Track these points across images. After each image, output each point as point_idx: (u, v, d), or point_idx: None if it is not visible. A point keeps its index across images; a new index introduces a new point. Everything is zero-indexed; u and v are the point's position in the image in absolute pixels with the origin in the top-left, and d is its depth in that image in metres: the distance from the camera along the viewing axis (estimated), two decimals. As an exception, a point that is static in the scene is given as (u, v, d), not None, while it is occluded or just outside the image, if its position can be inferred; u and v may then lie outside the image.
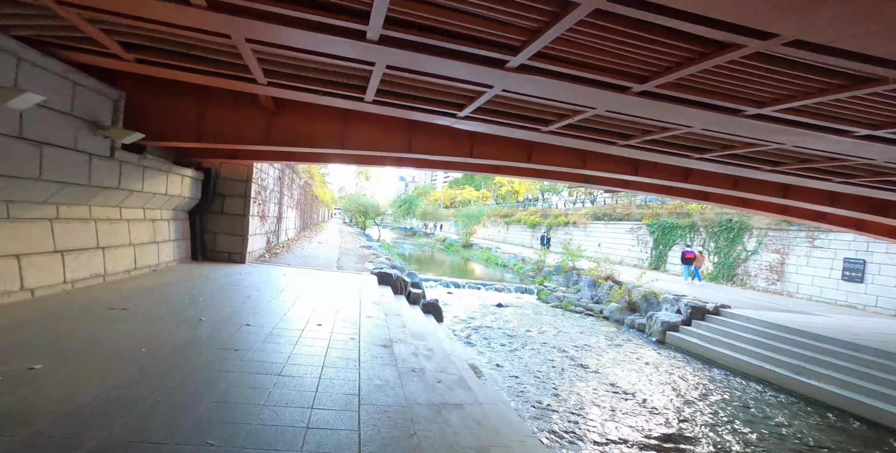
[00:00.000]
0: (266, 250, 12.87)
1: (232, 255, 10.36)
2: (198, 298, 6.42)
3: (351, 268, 12.29)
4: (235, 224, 10.36)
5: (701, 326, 11.22)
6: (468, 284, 19.14)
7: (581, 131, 6.40)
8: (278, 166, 14.06)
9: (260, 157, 9.91)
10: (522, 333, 11.80)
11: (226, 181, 10.32)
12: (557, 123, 6.04)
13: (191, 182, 9.07)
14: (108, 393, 3.21)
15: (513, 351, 9.91)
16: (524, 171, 10.69)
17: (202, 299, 6.41)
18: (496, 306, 15.51)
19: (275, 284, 8.40)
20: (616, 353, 10.39)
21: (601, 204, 36.55)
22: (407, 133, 8.25)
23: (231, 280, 8.25)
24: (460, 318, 13.04)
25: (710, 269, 19.93)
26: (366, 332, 5.79)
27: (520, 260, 28.20)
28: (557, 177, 11.10)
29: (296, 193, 19.50)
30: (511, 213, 47.34)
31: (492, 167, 10.68)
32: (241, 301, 6.69)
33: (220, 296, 6.84)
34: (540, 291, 18.54)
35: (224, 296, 6.83)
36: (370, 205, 40.69)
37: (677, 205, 23.91)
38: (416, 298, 11.34)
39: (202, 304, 6.14)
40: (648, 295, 13.90)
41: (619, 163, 8.99)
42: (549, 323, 13.38)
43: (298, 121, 7.89)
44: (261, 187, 11.58)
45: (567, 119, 5.80)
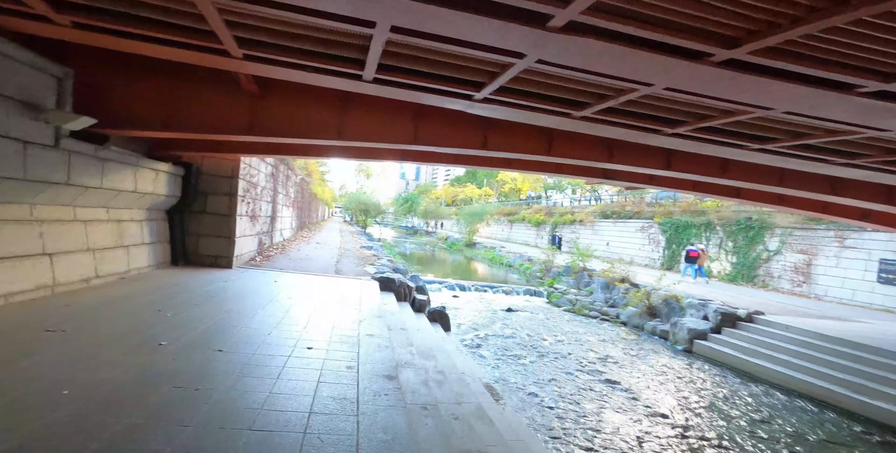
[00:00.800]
0: (258, 253, 11.88)
1: (217, 260, 9.37)
2: (165, 314, 5.44)
3: (350, 272, 11.31)
4: (221, 225, 9.37)
5: (733, 335, 10.23)
6: (474, 286, 18.17)
7: (620, 116, 5.39)
8: (271, 162, 13.07)
9: (247, 150, 8.91)
10: (537, 342, 10.82)
11: (209, 177, 9.32)
12: (594, 107, 5.03)
13: (167, 178, 8.08)
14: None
15: (530, 365, 8.93)
16: (541, 166, 9.69)
17: (170, 315, 5.42)
18: (505, 311, 14.53)
19: (262, 293, 7.42)
20: (643, 366, 9.40)
21: (607, 202, 35.59)
22: (412, 122, 7.25)
23: (212, 289, 7.26)
24: (468, 326, 12.06)
25: (727, 270, 18.95)
26: (366, 357, 4.81)
27: (526, 260, 27.22)
28: (576, 172, 10.09)
29: (292, 191, 18.51)
30: (514, 212, 46.38)
31: (504, 161, 9.68)
32: (218, 316, 5.71)
33: (193, 309, 5.86)
34: (550, 294, 17.56)
35: (198, 311, 5.84)
36: (371, 203, 39.71)
37: (691, 203, 22.91)
38: (422, 305, 10.36)
39: (168, 322, 5.15)
40: (670, 299, 12.91)
41: (650, 156, 7.99)
42: (564, 329, 12.40)
43: (288, 108, 6.89)
44: (250, 184, 10.59)
45: (607, 101, 4.80)
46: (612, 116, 5.40)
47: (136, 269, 7.46)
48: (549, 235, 37.21)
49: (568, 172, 10.10)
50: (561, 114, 5.48)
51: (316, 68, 4.90)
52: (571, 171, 10.08)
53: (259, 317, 5.96)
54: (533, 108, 5.41)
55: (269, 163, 12.79)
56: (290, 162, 16.50)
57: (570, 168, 9.94)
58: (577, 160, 7.96)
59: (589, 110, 5.18)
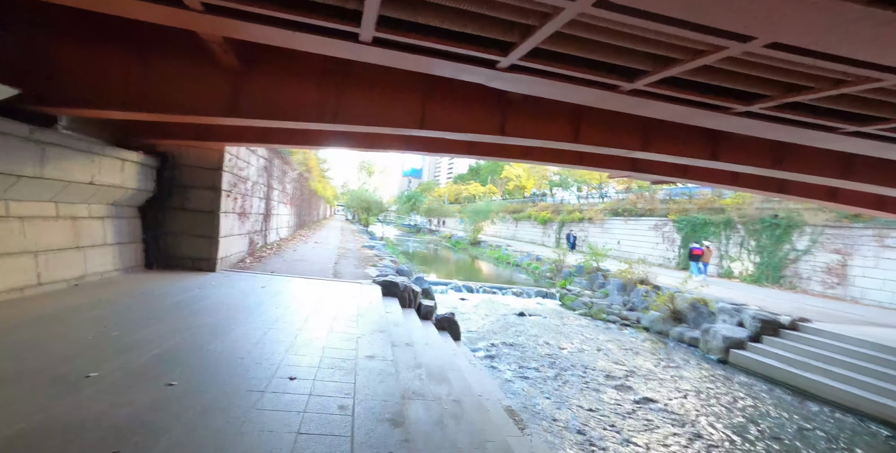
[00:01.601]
0: (248, 254, 10.87)
1: (198, 262, 8.36)
2: (110, 332, 4.41)
3: (350, 275, 10.29)
4: (203, 223, 8.34)
5: (775, 344, 9.17)
6: (482, 288, 17.14)
7: (680, 90, 4.33)
8: (264, 154, 12.05)
9: (232, 138, 7.88)
10: (556, 352, 9.78)
11: (190, 169, 8.30)
12: (652, 76, 3.96)
13: (138, 169, 7.06)
14: None
15: (552, 381, 7.89)
16: (562, 156, 8.64)
17: (117, 334, 4.40)
18: (517, 315, 13.49)
19: (245, 303, 6.40)
20: (677, 380, 8.35)
21: (613, 199, 34.47)
22: (420, 103, 6.20)
23: (184, 298, 6.24)
24: (480, 333, 11.03)
25: (749, 270, 17.85)
26: (365, 389, 3.78)
27: (534, 259, 26.19)
28: (600, 163, 9.02)
29: (289, 187, 17.49)
30: (520, 209, 45.34)
31: (522, 151, 8.64)
32: (182, 334, 4.69)
33: (152, 326, 4.83)
34: (563, 296, 16.52)
35: (159, 327, 4.82)
36: (373, 201, 38.68)
37: (708, 200, 21.80)
38: (428, 312, 9.34)
39: (112, 344, 4.13)
40: (697, 303, 11.86)
41: (691, 143, 6.92)
42: (583, 336, 11.36)
43: (275, 87, 5.85)
44: (238, 178, 9.57)
45: (674, 67, 3.72)
46: (668, 89, 4.34)
47: (97, 274, 6.44)
48: (556, 233, 36.15)
49: (590, 163, 9.04)
50: (605, 86, 4.42)
51: (299, 24, 3.86)
52: (595, 162, 9.02)
53: (235, 333, 4.93)
54: (571, 79, 4.35)
55: (261, 156, 11.76)
56: (285, 155, 15.48)
57: (595, 158, 8.90)
58: (606, 148, 6.88)
59: (643, 81, 4.11)
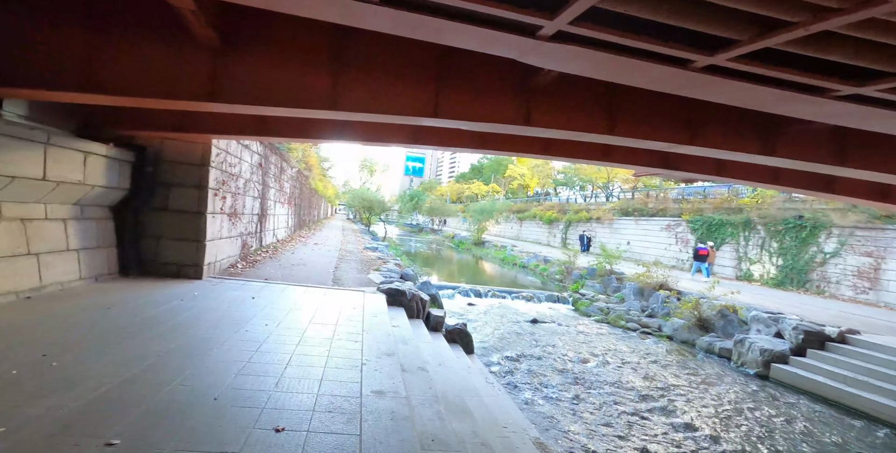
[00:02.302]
0: (240, 258, 10.00)
1: (183, 269, 7.49)
2: (49, 362, 3.54)
3: (352, 282, 9.42)
4: (187, 225, 7.47)
5: (824, 358, 8.28)
6: (491, 292, 16.27)
7: (777, 67, 3.44)
8: (258, 150, 11.18)
9: (218, 130, 7.01)
10: (578, 365, 8.91)
11: (172, 165, 7.43)
12: (749, 45, 3.09)
13: (106, 164, 6.19)
14: None
15: (578, 401, 7.01)
16: (589, 151, 7.78)
17: (57, 364, 3.52)
18: (530, 323, 12.62)
19: (231, 318, 5.53)
20: (718, 399, 7.45)
21: (618, 199, 33.58)
22: (432, 88, 5.32)
23: (159, 313, 5.37)
24: (493, 344, 10.16)
25: (770, 273, 16.96)
26: (374, 445, 2.91)
27: (541, 260, 25.29)
28: (629, 159, 8.10)
29: (287, 186, 16.62)
30: (524, 209, 44.48)
31: (542, 144, 7.75)
32: (143, 363, 3.81)
33: (106, 353, 3.95)
34: (576, 301, 15.63)
35: (114, 354, 3.93)
36: (375, 200, 37.75)
37: (725, 199, 20.91)
38: (438, 323, 8.47)
39: (42, 381, 3.25)
40: (726, 310, 10.97)
41: (746, 135, 6.04)
42: (604, 346, 10.48)
43: (261, 67, 4.97)
44: (228, 175, 8.69)
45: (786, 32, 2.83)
46: (757, 66, 3.45)
47: (57, 284, 5.58)
48: (562, 233, 35.28)
49: (618, 159, 8.12)
50: (675, 62, 3.56)
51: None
52: (623, 158, 8.10)
53: (213, 360, 4.06)
54: (631, 52, 3.48)
55: (255, 152, 10.90)
56: (283, 152, 14.61)
57: (624, 154, 8.01)
58: (645, 141, 5.96)
59: (728, 54, 3.25)
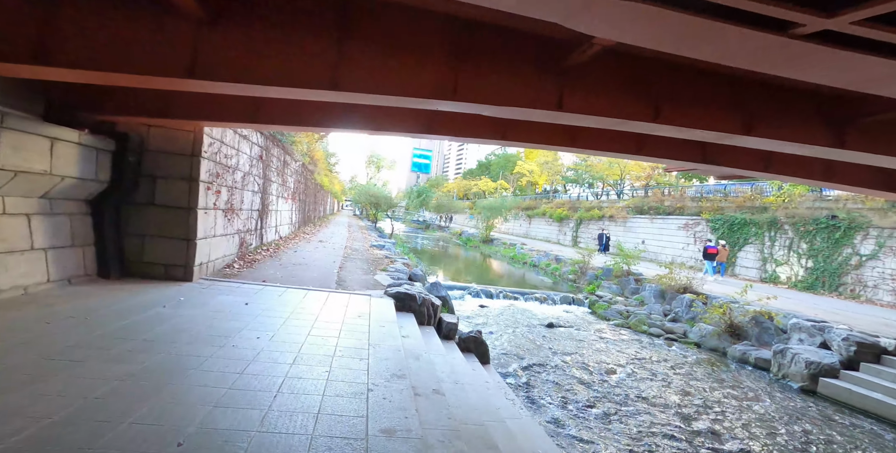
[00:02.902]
0: (238, 257, 9.30)
1: (171, 270, 6.78)
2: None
3: (357, 284, 8.69)
4: (175, 221, 6.76)
5: (880, 374, 7.45)
6: (503, 293, 15.50)
7: None
8: (258, 141, 10.46)
9: (208, 115, 6.27)
10: (603, 377, 8.13)
11: (158, 155, 6.72)
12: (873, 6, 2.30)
13: (79, 152, 5.48)
14: None
15: (610, 423, 6.23)
16: (621, 143, 7.01)
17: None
18: (546, 327, 11.85)
19: (217, 330, 4.81)
20: (767, 420, 6.64)
21: (631, 196, 32.64)
22: (450, 64, 4.56)
23: (133, 323, 4.64)
24: (508, 351, 9.40)
25: (799, 275, 16.06)
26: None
27: (552, 259, 24.48)
28: (664, 152, 7.27)
29: (290, 180, 15.91)
30: (534, 206, 43.64)
31: (567, 136, 6.98)
32: (91, 394, 3.08)
33: (46, 379, 3.21)
34: (593, 303, 14.83)
35: (57, 381, 3.20)
36: (382, 195, 37.00)
37: (748, 198, 19.96)
38: (451, 330, 7.72)
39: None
40: (760, 317, 10.14)
41: (810, 123, 5.24)
42: (628, 354, 9.70)
43: (252, 40, 4.21)
44: (223, 167, 7.97)
45: None
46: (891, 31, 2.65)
47: (17, 289, 4.88)
48: (573, 231, 34.42)
49: (652, 152, 7.31)
50: (772, 26, 2.75)
51: None
52: (657, 151, 7.29)
53: (184, 387, 3.33)
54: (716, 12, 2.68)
55: (254, 143, 10.18)
56: (286, 144, 13.88)
57: (658, 146, 7.22)
58: (691, 130, 5.14)
59: (854, 14, 2.46)
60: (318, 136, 25.57)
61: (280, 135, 13.07)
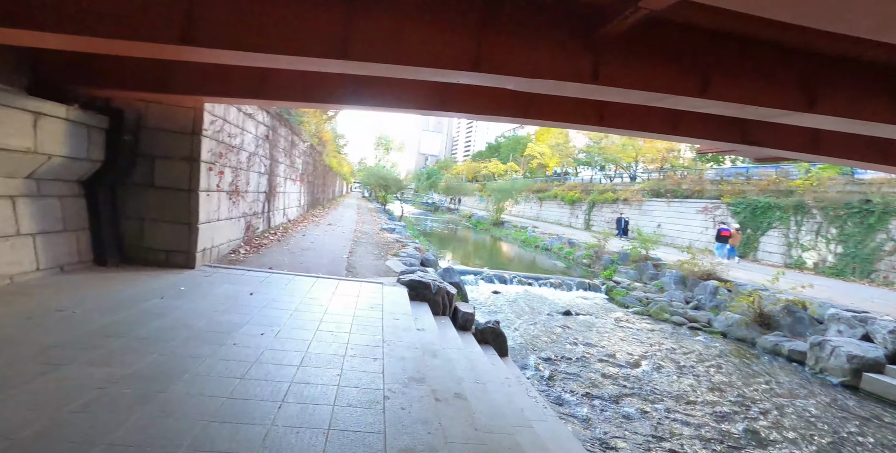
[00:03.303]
0: (244, 241, 8.90)
1: (172, 256, 6.39)
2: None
3: (368, 270, 8.28)
4: (175, 204, 6.33)
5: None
6: (516, 278, 15.04)
7: None
8: (265, 120, 9.94)
9: (209, 90, 5.77)
10: (628, 370, 7.70)
11: (156, 133, 6.25)
12: None
13: (68, 129, 5.03)
14: None
15: (640, 420, 5.81)
16: (652, 121, 6.43)
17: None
18: (563, 314, 11.43)
19: (217, 325, 4.40)
20: (814, 421, 6.18)
21: (648, 179, 31.80)
22: (473, 32, 4.01)
23: (125, 317, 4.24)
24: (526, 341, 9.00)
25: (827, 261, 15.41)
26: None
27: (565, 242, 23.95)
28: (701, 131, 6.66)
29: (299, 161, 15.43)
30: (545, 188, 42.89)
31: (595, 114, 6.41)
32: (61, 407, 2.68)
33: (17, 392, 2.84)
34: (610, 289, 14.35)
35: (24, 391, 2.81)
36: (391, 178, 36.46)
37: (772, 181, 19.15)
38: (467, 321, 7.30)
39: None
40: (793, 306, 9.61)
41: (879, 101, 4.62)
42: (651, 344, 9.25)
43: (252, 2, 3.72)
44: (227, 147, 7.50)
45: None
46: None
47: (4, 278, 4.50)
48: (585, 214, 33.74)
49: (687, 132, 6.70)
50: None
51: None
52: (692, 130, 6.70)
53: (174, 397, 2.91)
54: None
55: (261, 123, 9.67)
56: (293, 124, 13.35)
57: (694, 124, 6.63)
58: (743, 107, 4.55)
59: None
60: (326, 117, 24.96)
61: (287, 115, 12.54)
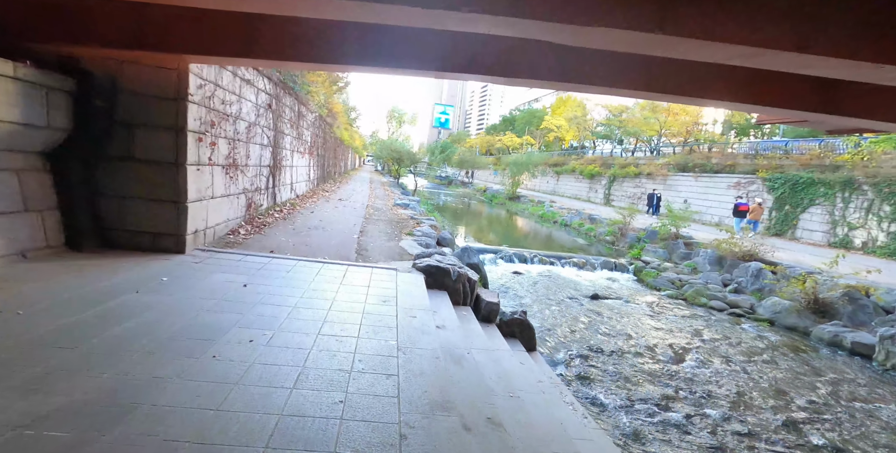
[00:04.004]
0: (245, 220, 8.13)
1: (159, 239, 5.63)
2: None
3: (380, 253, 7.48)
4: (160, 180, 5.52)
5: None
6: (537, 257, 14.18)
7: None
8: (267, 88, 9.00)
9: (192, 47, 4.86)
10: (670, 366, 6.89)
11: (134, 98, 5.38)
12: None
13: (19, 91, 4.19)
14: None
15: (699, 436, 5.03)
16: (722, 87, 5.39)
17: None
18: (590, 298, 10.61)
19: (196, 329, 3.64)
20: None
21: (673, 153, 30.27)
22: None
23: (73, 322, 3.46)
24: (553, 330, 8.22)
25: (879, 240, 14.24)
26: None
27: (585, 218, 22.92)
28: (777, 99, 5.62)
29: (307, 133, 14.52)
30: (562, 162, 41.45)
31: (660, 82, 5.41)
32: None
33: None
34: (639, 269, 13.43)
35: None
36: (405, 151, 35.27)
37: (814, 156, 17.74)
38: (492, 312, 6.50)
39: None
40: (855, 292, 8.64)
41: None
42: (692, 334, 8.41)
43: None
44: (218, 114, 6.61)
45: None
46: None
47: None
48: (605, 189, 32.48)
49: (760, 99, 5.64)
50: None
51: None
52: (768, 99, 5.62)
53: (112, 449, 2.15)
54: None
55: (261, 89, 8.73)
56: (299, 93, 12.37)
57: (770, 91, 5.55)
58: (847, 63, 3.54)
59: None
60: (336, 88, 23.81)
61: (292, 83, 11.57)
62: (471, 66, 5.21)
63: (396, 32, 5.03)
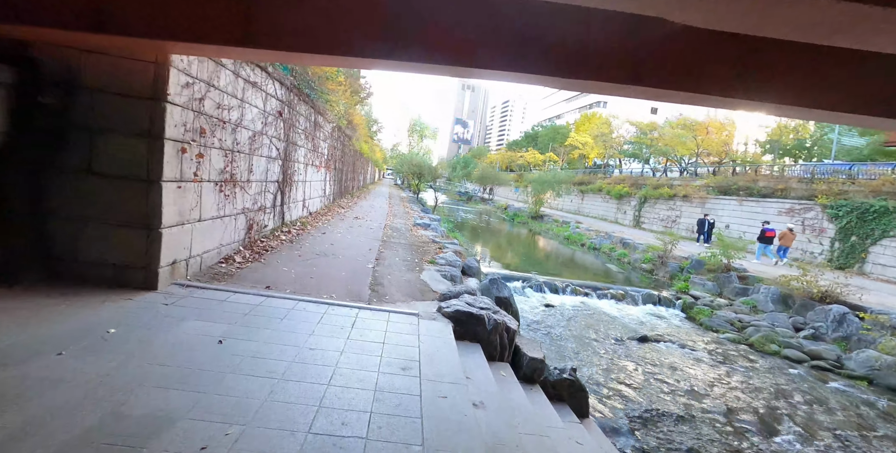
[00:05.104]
0: (244, 245, 6.98)
1: (124, 273, 4.47)
2: None
3: (398, 289, 6.22)
4: (128, 200, 4.40)
5: None
6: (570, 287, 12.75)
7: None
8: (276, 91, 7.94)
9: (169, 31, 3.78)
10: (757, 438, 5.41)
11: (96, 96, 4.30)
12: None
13: None
14: None
15: None
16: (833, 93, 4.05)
17: None
18: (638, 341, 9.14)
19: (96, 443, 2.41)
20: None
21: (711, 173, 28.54)
22: None
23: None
24: (604, 387, 6.78)
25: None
26: None
27: (617, 242, 21.34)
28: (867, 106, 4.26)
29: (324, 145, 13.49)
30: (588, 181, 39.96)
31: (746, 87, 4.09)
32: None
33: None
34: (689, 306, 11.86)
35: None
36: (426, 165, 34.32)
37: (888, 181, 15.97)
38: (536, 371, 5.15)
39: None
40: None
41: None
42: (776, 394, 6.87)
43: None
44: (210, 120, 5.50)
45: None
46: None
47: None
48: (634, 210, 30.77)
49: (870, 109, 4.30)
50: None
51: None
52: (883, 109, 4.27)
53: None
54: None
55: (270, 94, 7.68)
56: (316, 100, 11.36)
57: None
58: None
59: None
60: (357, 99, 22.97)
61: (308, 90, 10.57)
62: (514, 64, 3.92)
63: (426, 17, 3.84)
